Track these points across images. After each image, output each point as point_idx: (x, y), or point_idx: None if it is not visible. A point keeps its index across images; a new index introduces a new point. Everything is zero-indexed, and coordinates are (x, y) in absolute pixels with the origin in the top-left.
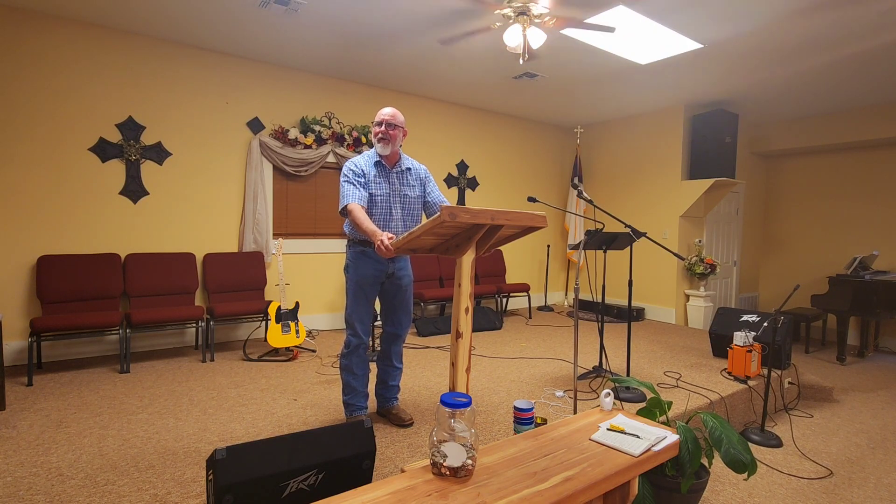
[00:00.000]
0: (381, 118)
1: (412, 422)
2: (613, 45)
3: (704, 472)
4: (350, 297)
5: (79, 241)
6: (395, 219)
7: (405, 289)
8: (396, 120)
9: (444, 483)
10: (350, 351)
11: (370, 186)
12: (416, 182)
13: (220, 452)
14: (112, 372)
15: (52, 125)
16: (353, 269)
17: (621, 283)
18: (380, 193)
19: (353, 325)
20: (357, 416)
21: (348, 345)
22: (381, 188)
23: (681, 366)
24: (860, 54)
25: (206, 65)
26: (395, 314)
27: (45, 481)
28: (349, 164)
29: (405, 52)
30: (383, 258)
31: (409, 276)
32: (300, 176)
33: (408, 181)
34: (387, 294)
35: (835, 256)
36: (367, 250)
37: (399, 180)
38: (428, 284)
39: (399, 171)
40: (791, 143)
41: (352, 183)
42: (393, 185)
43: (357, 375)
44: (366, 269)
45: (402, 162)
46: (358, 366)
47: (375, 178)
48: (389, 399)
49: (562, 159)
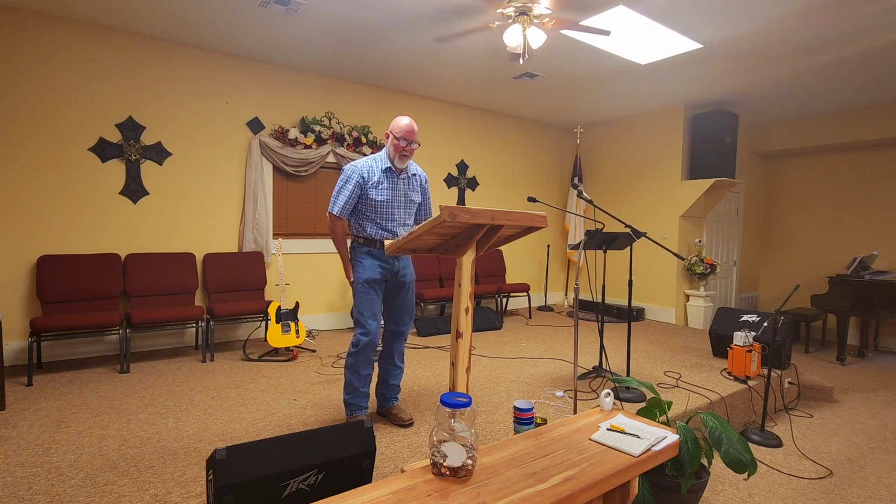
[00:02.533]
0: (413, 137)
1: (412, 422)
2: (613, 45)
3: (704, 472)
4: (358, 295)
5: (79, 241)
6: (397, 221)
7: (408, 287)
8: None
9: (444, 483)
10: (358, 350)
11: (372, 191)
12: (419, 188)
13: (220, 452)
14: (112, 372)
15: (52, 125)
16: (360, 268)
17: (621, 283)
18: (382, 199)
19: (364, 323)
20: (357, 416)
21: (357, 344)
22: (385, 193)
23: (681, 366)
24: (860, 54)
25: (206, 65)
26: (398, 312)
27: (45, 481)
28: (355, 169)
29: (405, 52)
30: (388, 257)
31: (411, 275)
32: (300, 176)
33: (413, 186)
34: (390, 292)
35: (835, 256)
36: (372, 250)
37: (406, 185)
38: (428, 284)
39: (406, 176)
40: (791, 143)
41: (348, 192)
42: (398, 190)
43: (361, 376)
44: (372, 267)
45: (409, 168)
46: (363, 366)
47: (380, 183)
48: (390, 399)
49: (562, 159)
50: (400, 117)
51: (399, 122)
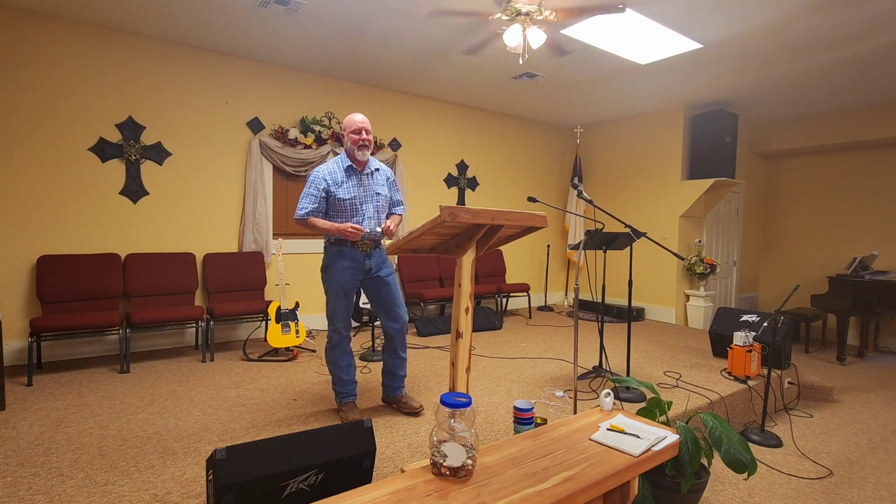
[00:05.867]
0: (362, 126)
1: (422, 409)
2: (613, 45)
3: (704, 472)
4: (330, 295)
5: (79, 241)
6: (367, 217)
7: (387, 281)
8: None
9: (444, 483)
10: (333, 346)
11: (338, 191)
12: (384, 182)
13: (220, 452)
14: (112, 372)
15: (51, 125)
16: (331, 268)
17: (621, 283)
18: (348, 197)
19: (335, 322)
20: (347, 402)
21: (330, 340)
22: (351, 191)
23: (681, 366)
24: (860, 54)
25: (206, 65)
26: (388, 309)
27: (45, 481)
28: (317, 176)
29: (405, 52)
30: (359, 255)
31: (388, 269)
32: (300, 176)
33: (378, 181)
34: (371, 291)
35: (835, 256)
36: (343, 250)
37: (370, 180)
38: (428, 284)
39: (369, 171)
40: (791, 143)
41: (310, 195)
42: (365, 186)
43: (341, 367)
44: (343, 267)
45: (370, 164)
46: (341, 358)
47: (345, 182)
48: (397, 388)
49: (562, 159)
50: (351, 114)
51: (351, 117)
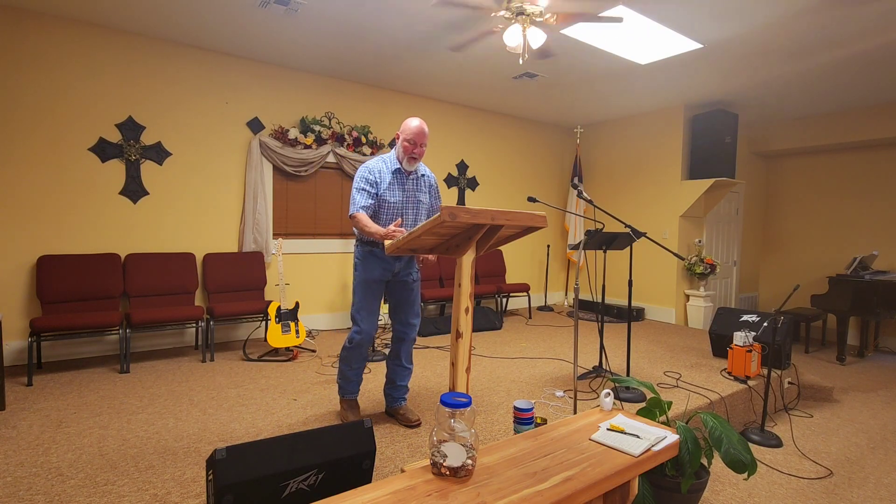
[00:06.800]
0: (417, 139)
1: (419, 422)
2: (613, 45)
3: (704, 472)
4: (358, 294)
5: (79, 241)
6: (408, 223)
7: (411, 286)
8: (427, 139)
9: (444, 483)
10: (353, 347)
11: (384, 192)
12: (427, 189)
13: (220, 452)
14: (112, 372)
15: (51, 125)
16: (361, 267)
17: (621, 283)
18: (393, 200)
19: (360, 321)
20: (348, 399)
21: (351, 340)
22: (396, 195)
23: (681, 366)
24: (860, 54)
25: (206, 65)
26: (404, 313)
27: (45, 481)
28: (365, 171)
29: (405, 52)
30: (390, 258)
31: (415, 275)
32: (300, 176)
33: (421, 187)
34: (393, 292)
35: (835, 256)
36: (374, 250)
37: (415, 186)
38: (428, 284)
39: (415, 177)
40: (791, 143)
41: (364, 190)
42: (408, 192)
43: (353, 368)
44: (373, 267)
45: (418, 169)
46: (356, 360)
47: (391, 185)
48: (398, 399)
49: (562, 159)
50: (411, 119)
51: (409, 123)
